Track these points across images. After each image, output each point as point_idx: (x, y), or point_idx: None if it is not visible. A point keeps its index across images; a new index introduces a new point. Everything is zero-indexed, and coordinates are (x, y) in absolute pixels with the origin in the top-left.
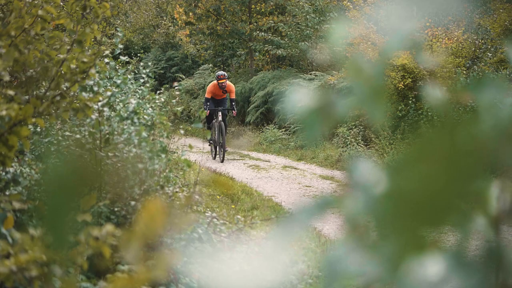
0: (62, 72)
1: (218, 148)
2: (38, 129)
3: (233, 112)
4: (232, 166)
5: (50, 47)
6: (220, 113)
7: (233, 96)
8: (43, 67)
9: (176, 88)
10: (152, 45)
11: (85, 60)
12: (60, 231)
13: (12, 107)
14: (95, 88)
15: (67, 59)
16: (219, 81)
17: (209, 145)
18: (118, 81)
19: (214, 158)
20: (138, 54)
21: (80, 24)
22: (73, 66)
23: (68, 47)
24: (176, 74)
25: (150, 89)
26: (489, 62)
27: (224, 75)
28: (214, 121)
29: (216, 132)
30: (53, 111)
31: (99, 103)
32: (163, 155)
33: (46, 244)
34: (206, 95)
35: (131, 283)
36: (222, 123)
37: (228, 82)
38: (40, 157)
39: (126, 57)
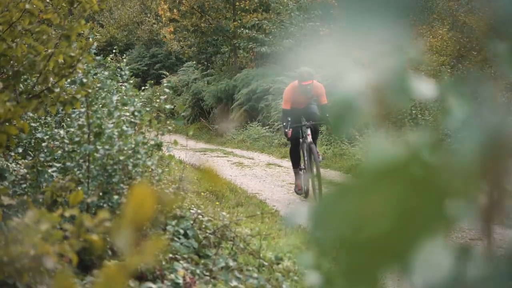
0: (50, 67)
1: (312, 181)
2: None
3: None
4: (216, 163)
5: (37, 41)
6: (308, 131)
7: (325, 101)
8: (30, 62)
9: (165, 85)
10: (136, 42)
11: (72, 54)
12: None
13: (1, 101)
14: (84, 80)
15: (54, 53)
16: (303, 83)
17: (295, 176)
18: (102, 77)
19: (306, 196)
20: (113, 50)
21: (67, 18)
22: (60, 60)
23: (56, 42)
24: (160, 71)
25: (133, 85)
26: (474, 60)
27: (311, 73)
28: (301, 141)
29: (305, 158)
30: (40, 106)
31: (87, 97)
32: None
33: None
34: (284, 106)
35: (122, 269)
36: (313, 145)
37: (315, 83)
38: (26, 152)
39: (102, 56)
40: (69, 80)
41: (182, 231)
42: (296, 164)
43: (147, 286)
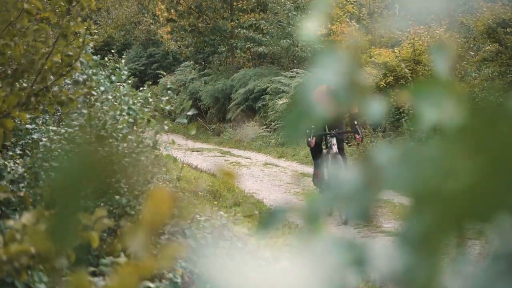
0: (48, 66)
1: None
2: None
3: (357, 137)
4: (213, 163)
5: (36, 40)
6: (334, 140)
7: (356, 110)
8: (29, 61)
9: (168, 87)
10: (133, 42)
11: (70, 53)
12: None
13: None
14: (87, 83)
15: (52, 53)
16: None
17: (314, 165)
18: (101, 78)
19: (330, 213)
20: (112, 51)
21: (65, 17)
22: (58, 60)
23: (54, 41)
24: (157, 71)
25: (131, 85)
26: (472, 61)
27: None
28: (324, 152)
29: (327, 171)
30: (38, 105)
31: (93, 97)
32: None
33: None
34: None
35: (138, 271)
36: (339, 156)
37: None
38: (24, 151)
39: (99, 56)
40: (68, 81)
41: (179, 230)
42: (316, 157)
43: (146, 285)
